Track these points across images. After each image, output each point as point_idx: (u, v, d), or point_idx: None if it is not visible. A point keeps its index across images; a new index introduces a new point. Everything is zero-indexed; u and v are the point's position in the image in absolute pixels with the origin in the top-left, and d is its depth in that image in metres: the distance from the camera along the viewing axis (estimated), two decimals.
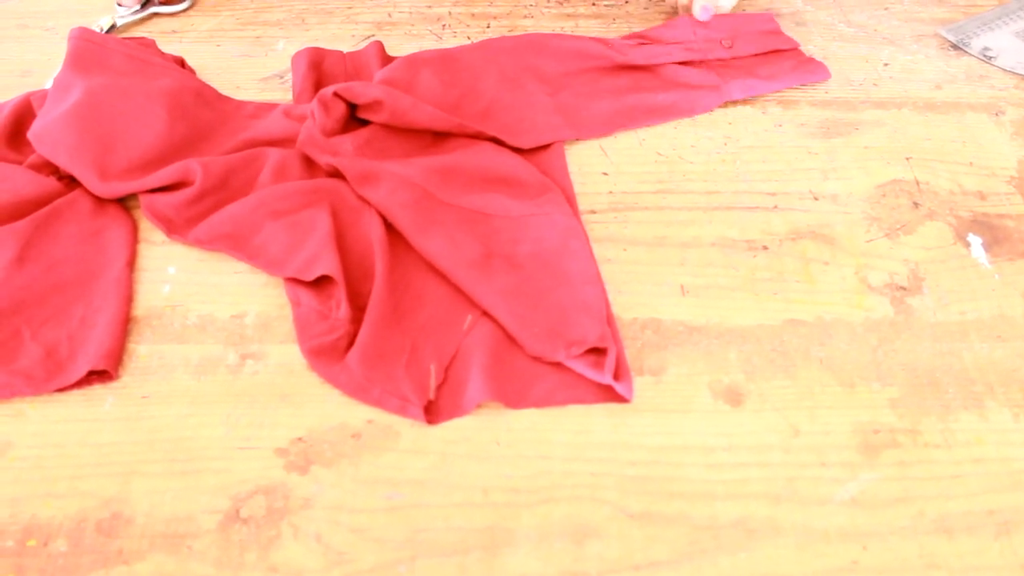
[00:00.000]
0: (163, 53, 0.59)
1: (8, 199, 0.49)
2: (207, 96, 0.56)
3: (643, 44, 0.61)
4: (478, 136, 0.53)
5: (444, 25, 0.65)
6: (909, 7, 0.67)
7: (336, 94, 0.52)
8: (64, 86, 0.53)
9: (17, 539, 0.37)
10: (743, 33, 0.61)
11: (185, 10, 0.65)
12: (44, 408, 0.42)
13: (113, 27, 0.63)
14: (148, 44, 0.59)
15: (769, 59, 0.61)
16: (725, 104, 0.58)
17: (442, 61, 0.58)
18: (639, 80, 0.59)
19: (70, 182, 0.51)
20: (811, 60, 0.61)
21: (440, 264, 0.46)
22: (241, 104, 0.57)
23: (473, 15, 0.66)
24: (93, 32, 0.56)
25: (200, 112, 0.55)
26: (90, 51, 0.55)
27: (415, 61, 0.57)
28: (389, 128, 0.53)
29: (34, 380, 0.42)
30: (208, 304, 0.46)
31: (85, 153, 0.50)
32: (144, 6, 0.63)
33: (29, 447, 0.40)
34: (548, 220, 0.48)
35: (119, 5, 0.63)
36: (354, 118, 0.54)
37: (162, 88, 0.54)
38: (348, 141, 0.52)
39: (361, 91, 0.52)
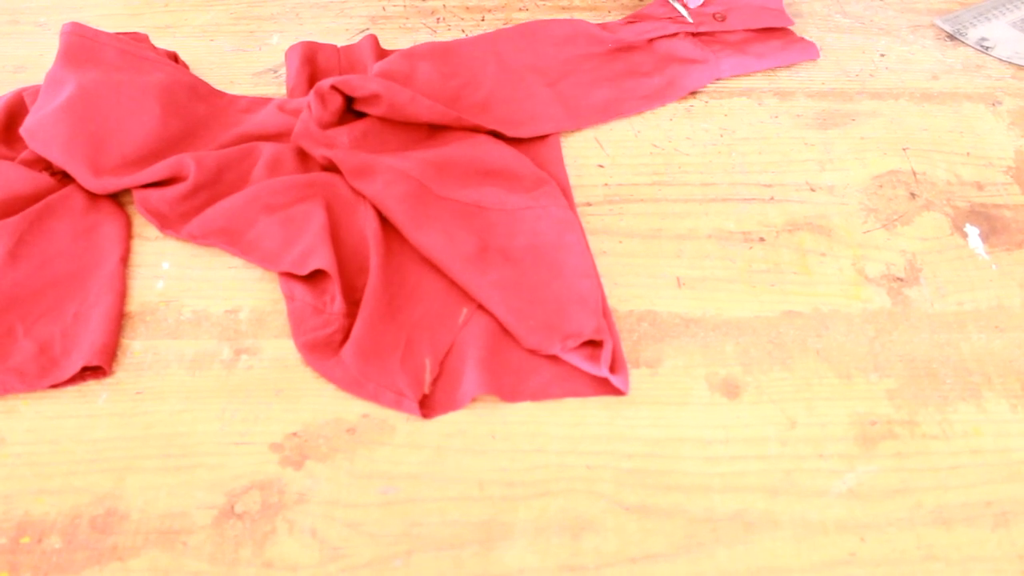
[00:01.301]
0: (156, 48, 0.59)
1: (1, 195, 0.48)
2: (200, 91, 0.56)
3: (633, 23, 0.61)
4: (476, 129, 0.53)
5: (439, 19, 0.65)
6: None
7: (333, 87, 0.51)
8: (56, 81, 0.53)
9: (11, 536, 0.37)
10: (738, 7, 0.61)
11: None
12: (38, 404, 0.42)
13: None
14: (141, 39, 0.59)
15: (759, 37, 0.61)
16: (721, 95, 0.58)
17: (441, 53, 0.57)
18: (634, 63, 0.59)
19: (63, 178, 0.50)
20: (800, 39, 0.61)
21: (435, 258, 0.46)
22: (234, 99, 0.57)
23: (467, 8, 0.66)
24: (85, 27, 0.56)
25: (193, 107, 0.54)
26: (82, 46, 0.55)
27: (413, 54, 0.56)
28: (385, 121, 0.53)
29: (27, 376, 0.42)
30: (202, 299, 0.46)
31: (78, 148, 0.50)
32: None
33: (23, 443, 0.40)
34: (544, 213, 0.48)
35: None
36: (350, 110, 0.53)
37: (155, 83, 0.53)
38: (344, 134, 0.52)
39: (359, 84, 0.51)
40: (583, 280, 0.45)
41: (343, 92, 0.52)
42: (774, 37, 0.61)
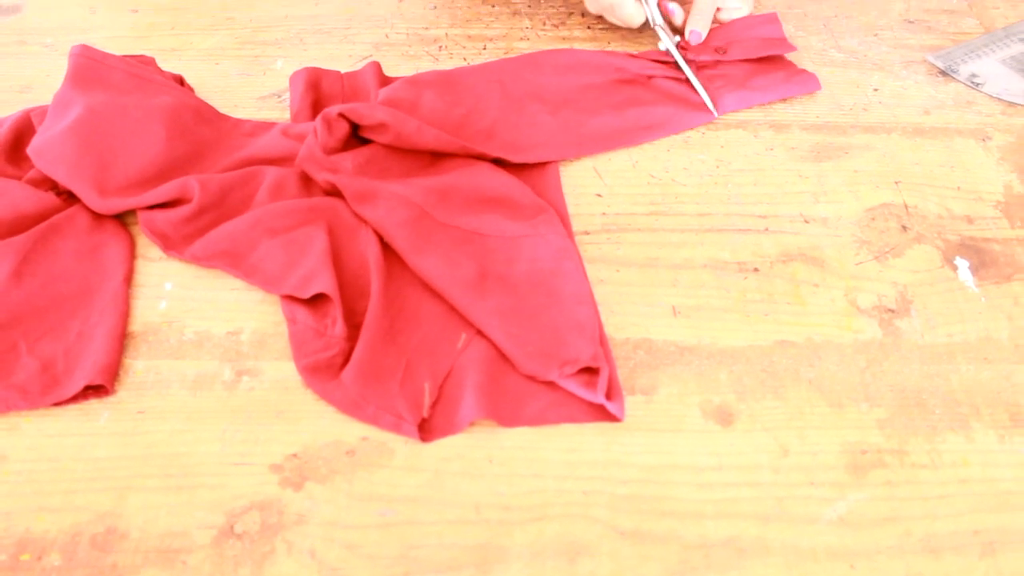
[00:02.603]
0: (163, 71, 0.60)
1: (7, 214, 0.49)
2: (206, 114, 0.56)
3: (636, 57, 0.62)
4: (482, 157, 0.54)
5: (441, 47, 0.66)
6: (898, 34, 0.68)
7: (341, 114, 0.52)
8: (64, 102, 0.54)
9: (10, 553, 0.37)
10: (740, 39, 0.62)
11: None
12: (40, 422, 0.42)
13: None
14: (148, 61, 0.60)
15: (761, 70, 0.62)
16: (717, 127, 0.59)
17: (445, 81, 0.58)
18: (636, 95, 0.60)
19: (69, 198, 0.51)
20: (802, 72, 0.62)
21: (435, 283, 0.47)
22: (239, 122, 0.57)
23: (469, 37, 0.67)
24: (94, 50, 0.56)
25: (199, 130, 0.55)
26: (91, 68, 0.56)
27: (418, 82, 0.57)
28: (389, 148, 0.54)
29: (30, 394, 0.42)
30: (204, 320, 0.47)
31: (84, 169, 0.50)
32: None
33: (24, 461, 0.40)
34: (543, 241, 0.49)
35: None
36: (355, 136, 0.54)
37: (161, 106, 0.54)
38: (348, 159, 0.52)
39: (366, 113, 0.52)
40: (580, 307, 0.46)
41: (350, 120, 0.52)
42: (776, 69, 0.62)
